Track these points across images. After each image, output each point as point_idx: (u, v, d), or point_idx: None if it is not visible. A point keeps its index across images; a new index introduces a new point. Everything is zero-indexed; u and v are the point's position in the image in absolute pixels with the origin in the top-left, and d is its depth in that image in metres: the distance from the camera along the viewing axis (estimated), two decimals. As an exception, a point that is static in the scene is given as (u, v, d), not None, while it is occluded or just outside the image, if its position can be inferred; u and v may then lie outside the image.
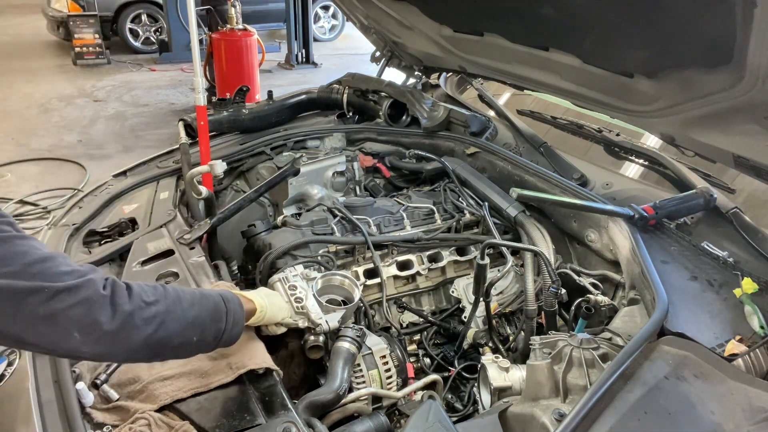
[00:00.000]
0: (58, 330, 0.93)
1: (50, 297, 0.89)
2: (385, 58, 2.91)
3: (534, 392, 1.18)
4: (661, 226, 1.65)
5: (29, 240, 0.93)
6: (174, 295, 1.07)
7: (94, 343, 0.94)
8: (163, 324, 1.02)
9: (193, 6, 2.27)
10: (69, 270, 0.93)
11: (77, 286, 0.92)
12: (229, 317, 1.17)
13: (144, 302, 1.00)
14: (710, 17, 1.25)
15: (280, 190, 2.22)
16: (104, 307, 0.94)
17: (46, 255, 0.92)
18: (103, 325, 0.93)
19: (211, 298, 1.15)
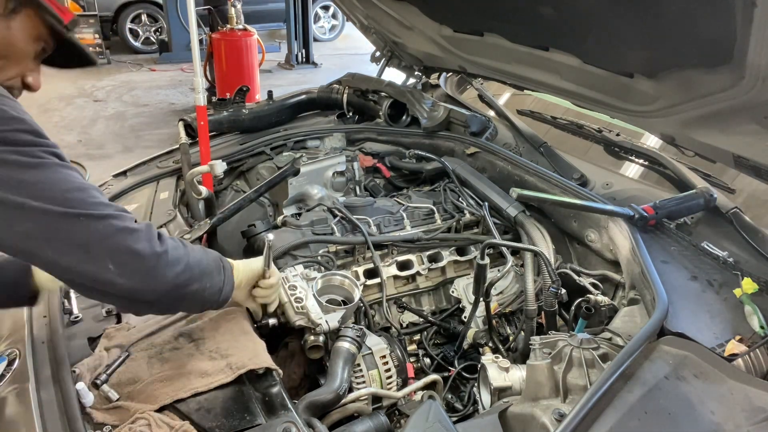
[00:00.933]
0: (91, 258, 0.95)
1: (86, 224, 0.92)
2: (385, 58, 2.91)
3: (534, 392, 1.18)
4: (661, 226, 1.65)
5: (70, 169, 0.95)
6: (188, 245, 1.13)
7: (129, 275, 0.97)
8: (188, 266, 1.07)
9: (193, 6, 2.27)
10: (106, 202, 0.97)
11: (113, 216, 0.95)
12: (226, 272, 1.22)
13: (171, 245, 1.04)
14: (710, 17, 1.25)
15: (280, 190, 2.22)
16: (140, 241, 0.97)
17: (85, 185, 0.95)
18: (138, 257, 0.97)
19: (211, 253, 1.21)
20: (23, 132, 0.91)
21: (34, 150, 0.91)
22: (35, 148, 0.92)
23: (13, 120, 0.90)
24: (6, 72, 1.05)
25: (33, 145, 0.92)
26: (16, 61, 1.04)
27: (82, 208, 0.93)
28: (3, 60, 1.03)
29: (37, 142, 0.93)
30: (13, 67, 1.05)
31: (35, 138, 0.93)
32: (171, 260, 1.03)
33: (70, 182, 0.94)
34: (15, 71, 1.05)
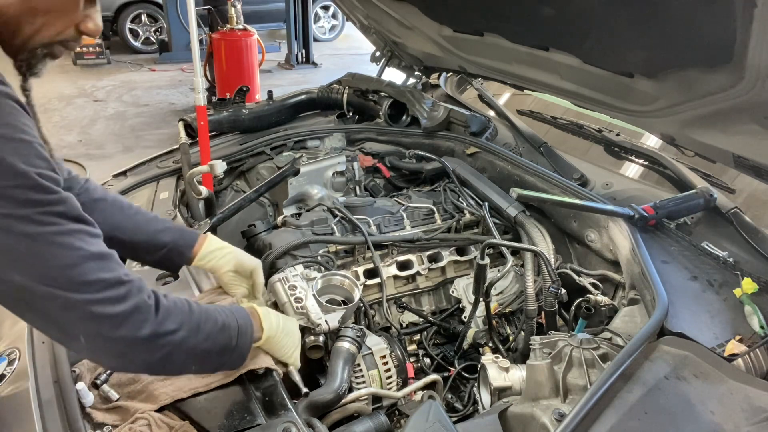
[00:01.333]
0: (64, 334, 0.93)
1: (63, 306, 0.87)
2: (385, 58, 2.91)
3: (534, 392, 1.18)
4: (661, 226, 1.65)
5: (70, 237, 0.87)
6: (195, 323, 1.02)
7: (101, 356, 0.94)
8: (170, 356, 0.99)
9: (193, 6, 2.27)
10: (94, 279, 0.89)
11: (96, 302, 0.88)
12: (234, 356, 1.14)
13: (163, 330, 0.95)
14: (710, 17, 1.25)
15: (280, 190, 2.22)
16: (120, 328, 0.90)
17: (75, 260, 0.87)
18: (111, 342, 0.91)
19: (226, 332, 1.09)
20: (26, 189, 0.83)
21: (33, 214, 0.84)
22: (36, 209, 0.84)
23: (17, 174, 0.82)
24: (51, 27, 0.94)
25: (34, 205, 0.84)
26: (63, 11, 0.94)
27: (65, 289, 0.86)
28: (45, 15, 0.92)
29: (39, 202, 0.85)
30: (61, 18, 0.94)
31: (39, 196, 0.84)
32: (148, 349, 0.94)
33: (58, 258, 0.86)
34: (63, 23, 0.95)
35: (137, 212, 1.37)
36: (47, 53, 0.97)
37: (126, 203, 1.38)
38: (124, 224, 1.32)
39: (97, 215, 1.26)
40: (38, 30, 0.92)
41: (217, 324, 1.07)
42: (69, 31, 0.96)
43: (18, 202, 0.83)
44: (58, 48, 0.98)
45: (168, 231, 1.37)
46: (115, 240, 1.30)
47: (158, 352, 0.97)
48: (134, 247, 1.34)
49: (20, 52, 0.95)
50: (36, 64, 0.97)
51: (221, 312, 1.11)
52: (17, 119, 0.85)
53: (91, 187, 1.33)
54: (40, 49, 0.95)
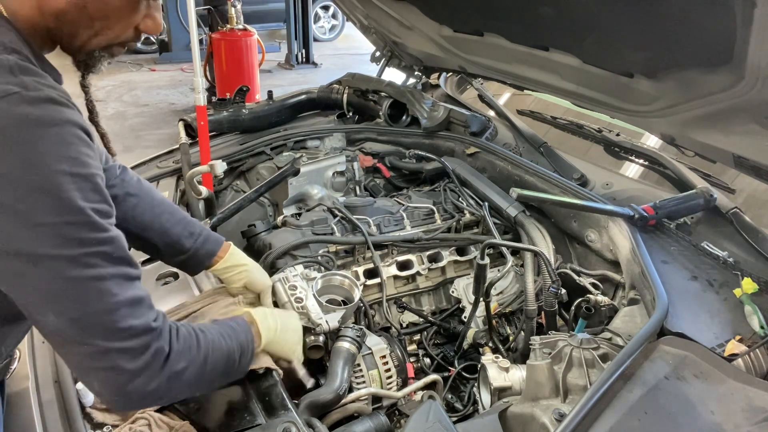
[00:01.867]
0: (82, 376, 0.95)
1: (88, 353, 0.88)
2: (385, 58, 2.91)
3: (534, 392, 1.18)
4: (661, 226, 1.65)
5: (110, 282, 0.87)
6: (203, 357, 1.02)
7: (109, 397, 0.94)
8: (178, 394, 1.02)
9: (193, 6, 2.27)
10: (126, 326, 0.88)
11: (119, 352, 0.88)
12: (237, 374, 1.14)
13: (171, 375, 0.95)
14: (710, 17, 1.25)
15: (280, 190, 2.22)
16: (130, 382, 0.90)
17: (110, 306, 0.87)
18: (123, 395, 0.92)
19: (231, 357, 1.09)
20: (80, 226, 0.83)
21: (80, 255, 0.84)
22: (84, 250, 0.84)
23: (73, 210, 0.82)
24: (109, 32, 0.94)
25: (84, 245, 0.84)
26: (120, 17, 0.93)
27: (95, 336, 0.86)
28: (102, 20, 0.92)
29: (89, 241, 0.85)
30: (119, 23, 0.94)
31: (90, 235, 0.85)
32: (158, 394, 0.95)
33: (97, 303, 0.86)
34: (121, 27, 0.94)
35: (166, 211, 1.37)
36: (106, 54, 0.98)
37: (158, 199, 1.37)
38: (151, 225, 1.33)
39: (127, 211, 1.29)
40: (96, 34, 0.93)
41: (222, 352, 1.07)
42: (128, 33, 0.97)
43: (67, 240, 0.83)
44: (117, 48, 0.98)
45: (192, 236, 1.37)
46: (138, 238, 1.32)
47: (167, 395, 0.98)
48: (157, 248, 1.35)
49: (78, 53, 0.96)
50: (95, 64, 0.98)
51: (226, 336, 1.10)
52: (79, 151, 0.84)
53: (126, 179, 1.33)
54: (98, 51, 0.96)
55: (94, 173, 0.86)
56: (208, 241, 1.40)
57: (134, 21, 0.95)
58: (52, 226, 0.81)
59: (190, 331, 1.02)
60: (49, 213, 0.81)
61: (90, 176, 0.85)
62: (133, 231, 1.30)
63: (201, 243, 1.38)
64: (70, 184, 0.82)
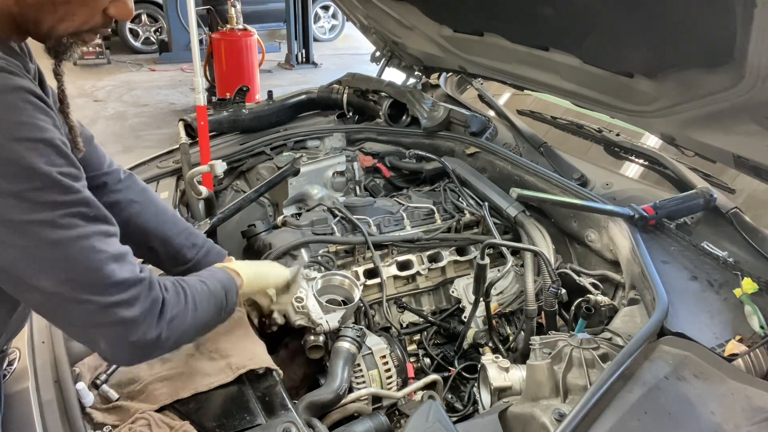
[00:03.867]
0: (86, 336, 0.95)
1: (88, 310, 0.89)
2: (385, 58, 2.91)
3: (534, 392, 1.18)
4: (661, 226, 1.65)
5: (93, 240, 0.88)
6: (191, 302, 1.05)
7: (120, 355, 0.96)
8: (179, 340, 1.03)
9: (193, 6, 2.27)
10: (118, 280, 0.90)
11: (118, 304, 0.90)
12: (225, 314, 1.17)
13: (169, 322, 0.98)
14: (710, 17, 1.25)
15: (280, 190, 2.22)
16: (138, 331, 0.92)
17: (100, 263, 0.88)
18: (132, 346, 0.93)
19: (218, 296, 1.13)
20: (48, 190, 0.83)
21: (56, 217, 0.84)
22: (58, 212, 0.84)
23: (38, 176, 0.82)
24: (75, 17, 0.92)
25: (57, 207, 0.84)
26: (82, 2, 0.91)
27: (90, 293, 0.88)
28: (65, 4, 0.90)
29: (62, 203, 0.84)
30: (84, 7, 0.91)
31: (61, 197, 0.84)
32: (161, 343, 0.97)
33: (85, 261, 0.87)
34: (87, 12, 0.92)
35: (169, 220, 1.37)
36: (76, 41, 0.96)
37: (161, 207, 1.38)
38: (153, 232, 1.33)
39: (130, 217, 1.29)
40: (61, 19, 0.91)
41: (207, 294, 1.10)
42: (96, 19, 0.95)
43: (40, 204, 0.83)
44: (88, 35, 0.97)
45: (194, 248, 1.37)
46: (141, 245, 1.32)
47: (168, 342, 1.00)
48: (159, 257, 1.35)
49: (47, 40, 0.94)
50: (65, 50, 0.96)
51: (205, 280, 1.13)
52: (33, 116, 0.83)
53: (131, 185, 1.33)
54: (66, 38, 0.94)
55: (53, 137, 0.85)
56: (210, 253, 1.39)
57: (100, 5, 0.93)
58: (20, 194, 0.81)
59: (173, 281, 1.05)
60: (15, 181, 0.81)
61: (50, 140, 0.84)
62: (135, 238, 1.30)
63: (203, 255, 1.38)
64: (31, 151, 0.81)
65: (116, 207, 1.27)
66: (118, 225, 0.96)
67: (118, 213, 1.27)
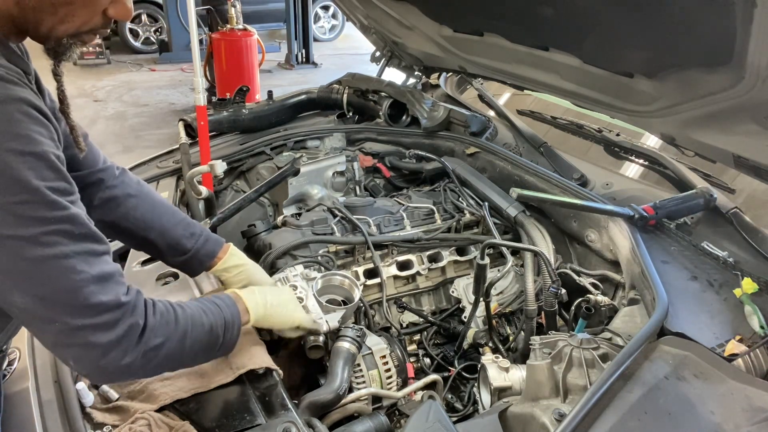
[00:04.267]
0: (56, 352, 0.96)
1: (59, 330, 0.88)
2: (385, 58, 2.91)
3: (534, 392, 1.18)
4: (661, 226, 1.65)
5: (74, 260, 0.87)
6: (182, 332, 1.03)
7: (83, 373, 0.98)
8: (156, 367, 1.02)
9: (193, 6, 2.27)
10: (94, 303, 0.88)
11: (90, 328, 0.89)
12: (222, 351, 1.15)
13: (148, 349, 0.96)
14: (710, 17, 1.25)
15: (280, 190, 2.22)
16: (104, 356, 0.91)
17: (77, 284, 0.87)
18: (97, 369, 0.93)
19: (214, 332, 1.10)
20: (35, 205, 0.83)
21: (40, 234, 0.83)
22: (42, 228, 0.83)
23: (28, 190, 0.81)
24: (75, 18, 0.92)
25: (42, 224, 0.83)
26: (83, 3, 0.91)
27: (65, 313, 0.87)
28: (66, 6, 0.90)
29: (47, 219, 0.84)
30: (85, 8, 0.91)
31: (47, 213, 0.84)
32: (133, 369, 0.95)
33: (62, 281, 0.86)
34: (88, 12, 0.92)
35: (167, 212, 1.37)
36: (75, 41, 0.96)
37: (158, 200, 1.38)
38: (151, 225, 1.33)
39: (128, 211, 1.29)
40: (61, 20, 0.91)
41: (204, 328, 1.08)
42: (96, 20, 0.94)
43: (25, 219, 0.82)
44: (87, 36, 0.97)
45: (193, 237, 1.38)
46: (140, 238, 1.33)
47: (144, 368, 0.98)
48: (158, 249, 1.36)
49: (47, 41, 0.94)
50: (64, 51, 0.97)
51: (208, 311, 1.11)
52: (28, 128, 0.83)
53: (126, 180, 1.33)
54: (67, 39, 0.94)
55: (46, 151, 0.84)
56: (208, 241, 1.40)
57: (100, 6, 0.93)
58: (5, 207, 0.81)
59: (167, 306, 1.03)
60: (2, 192, 0.80)
61: (42, 154, 0.84)
62: (135, 231, 1.31)
63: (202, 243, 1.39)
64: (21, 164, 0.81)
65: (113, 202, 1.28)
66: (116, 220, 0.96)
67: (115, 208, 1.27)
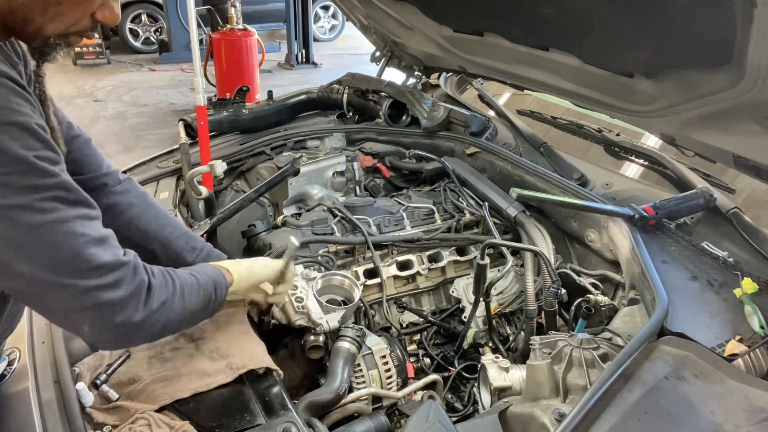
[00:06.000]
0: (69, 321, 0.96)
1: (70, 294, 0.89)
2: (385, 58, 2.91)
3: (534, 392, 1.18)
4: (661, 226, 1.65)
5: (72, 223, 0.88)
6: (180, 291, 1.06)
7: (101, 335, 0.96)
8: (165, 327, 1.04)
9: (193, 6, 2.27)
10: (99, 263, 0.90)
11: (100, 288, 0.90)
12: (213, 308, 1.18)
13: (156, 306, 0.98)
14: (710, 17, 1.25)
15: (280, 190, 2.22)
16: (122, 312, 0.93)
17: (80, 246, 0.88)
18: (115, 329, 0.94)
19: (207, 289, 1.14)
20: (25, 174, 0.83)
21: (34, 201, 0.84)
22: (36, 196, 0.84)
23: (15, 160, 0.81)
24: (64, 18, 0.91)
25: (34, 191, 0.84)
26: (75, 2, 0.91)
27: (74, 276, 0.88)
28: (56, 5, 0.89)
29: (39, 187, 0.84)
30: (74, 9, 0.91)
31: (38, 180, 0.84)
32: (145, 328, 0.97)
33: (65, 245, 0.87)
34: (77, 14, 0.92)
35: (168, 224, 1.37)
36: (62, 42, 0.96)
37: (162, 212, 1.39)
38: (153, 236, 1.33)
39: (130, 219, 1.30)
40: (50, 20, 0.91)
41: (196, 286, 1.11)
42: (84, 21, 0.94)
43: (18, 189, 0.83)
44: (74, 37, 0.97)
45: (194, 251, 1.38)
46: (141, 248, 1.31)
47: (154, 327, 1.01)
48: (158, 260, 1.35)
49: (33, 40, 0.94)
50: (50, 51, 0.97)
51: (195, 273, 1.14)
52: (8, 99, 0.83)
53: (131, 188, 1.33)
54: (53, 39, 0.95)
55: (28, 121, 0.84)
56: (210, 256, 1.40)
57: (90, 8, 0.93)
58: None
59: (161, 269, 1.05)
60: None
61: (24, 124, 0.84)
62: (136, 240, 1.31)
63: (203, 258, 1.38)
64: (5, 134, 0.81)
65: (117, 208, 1.28)
66: (119, 227, 0.96)
67: (118, 215, 1.28)
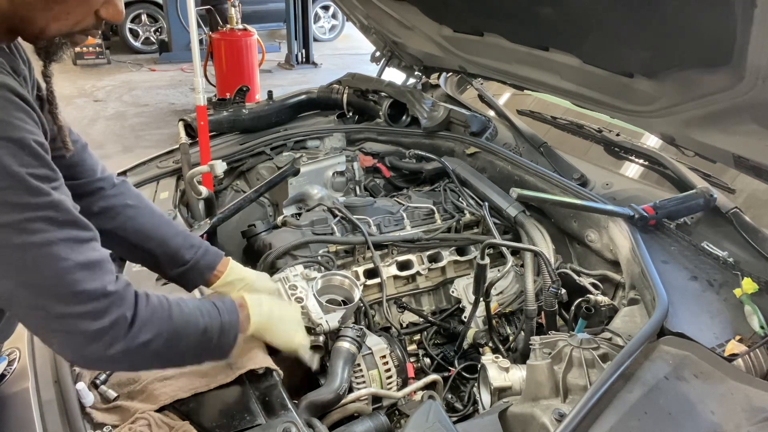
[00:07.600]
0: (41, 337, 0.95)
1: (45, 316, 0.88)
2: (385, 58, 2.91)
3: (534, 392, 1.18)
4: (661, 226, 1.65)
5: (58, 246, 0.86)
6: (174, 330, 1.02)
7: (67, 358, 0.97)
8: (143, 362, 1.02)
9: (193, 6, 2.27)
10: (80, 290, 0.88)
11: (78, 316, 0.88)
12: (211, 356, 1.15)
13: (134, 346, 0.95)
14: (710, 17, 1.25)
15: (280, 190, 2.22)
16: (90, 344, 0.90)
17: (61, 271, 0.87)
18: (80, 356, 0.93)
19: (207, 334, 1.08)
20: (17, 191, 0.82)
21: (22, 221, 0.83)
22: (25, 215, 0.83)
23: (9, 176, 0.81)
24: (69, 17, 0.91)
25: (24, 210, 0.83)
26: (78, 2, 0.91)
27: (51, 299, 0.87)
28: (61, 4, 0.89)
29: (30, 206, 0.83)
30: (78, 7, 0.91)
31: (29, 199, 0.83)
32: (122, 361, 0.94)
33: (47, 268, 0.86)
34: (81, 12, 0.92)
35: (165, 223, 1.36)
36: (67, 41, 0.96)
37: (157, 212, 1.37)
38: (150, 235, 1.32)
39: (126, 221, 1.28)
40: (54, 18, 0.91)
41: (197, 328, 1.06)
42: (88, 19, 0.94)
43: (6, 206, 0.82)
44: (79, 36, 0.96)
45: (192, 248, 1.36)
46: (138, 248, 1.31)
47: (129, 363, 0.98)
48: (156, 259, 1.34)
49: (38, 40, 0.94)
50: (56, 51, 0.96)
51: (205, 312, 1.09)
52: (11, 114, 0.83)
53: (125, 191, 1.32)
54: (59, 38, 0.94)
55: (27, 137, 0.84)
56: (208, 253, 1.38)
57: (93, 6, 0.93)
58: None
59: (162, 302, 1.01)
60: None
61: (22, 140, 0.83)
62: (132, 241, 1.29)
63: (201, 255, 1.36)
64: (1, 149, 0.80)
65: (112, 211, 1.27)
66: (115, 229, 0.95)
67: (114, 217, 1.27)
